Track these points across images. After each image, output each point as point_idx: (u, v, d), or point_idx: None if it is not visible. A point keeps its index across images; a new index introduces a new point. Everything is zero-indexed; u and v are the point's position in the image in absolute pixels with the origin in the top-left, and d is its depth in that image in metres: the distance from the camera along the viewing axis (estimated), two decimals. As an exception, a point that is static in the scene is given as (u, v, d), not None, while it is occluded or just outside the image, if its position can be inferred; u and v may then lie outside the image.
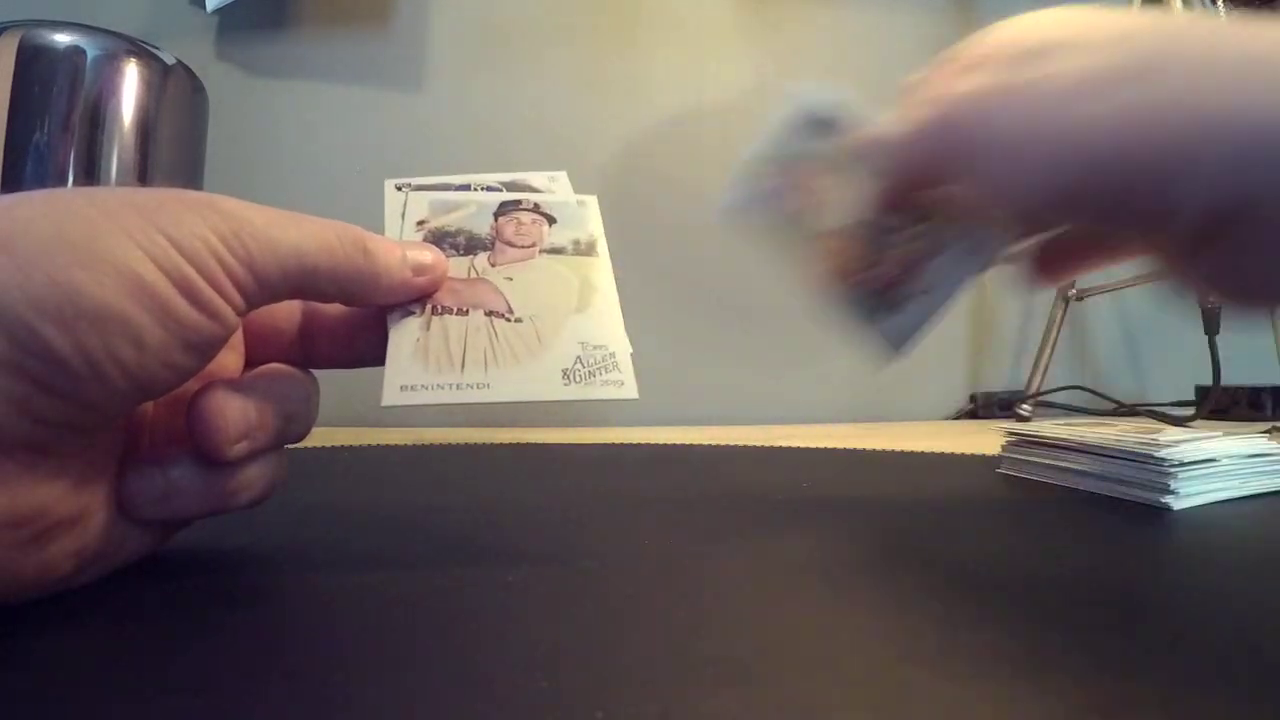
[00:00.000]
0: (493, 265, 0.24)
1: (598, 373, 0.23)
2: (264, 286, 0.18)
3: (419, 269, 0.22)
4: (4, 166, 0.53)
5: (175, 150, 0.64)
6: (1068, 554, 0.24)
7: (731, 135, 1.00)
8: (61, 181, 0.55)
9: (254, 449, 0.19)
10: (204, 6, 0.83)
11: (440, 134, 0.92)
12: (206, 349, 0.17)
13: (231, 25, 0.88)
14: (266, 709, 0.12)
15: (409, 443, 0.53)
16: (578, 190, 0.28)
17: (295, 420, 0.21)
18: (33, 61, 0.54)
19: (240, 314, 0.18)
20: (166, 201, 0.17)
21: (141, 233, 0.16)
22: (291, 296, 0.20)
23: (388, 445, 0.51)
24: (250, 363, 0.23)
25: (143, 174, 0.59)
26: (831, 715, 0.13)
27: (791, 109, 0.27)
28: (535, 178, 0.28)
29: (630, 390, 0.23)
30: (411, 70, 0.93)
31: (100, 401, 0.16)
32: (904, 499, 0.34)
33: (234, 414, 0.19)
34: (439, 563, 0.21)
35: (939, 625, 0.17)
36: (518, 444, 0.53)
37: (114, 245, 0.15)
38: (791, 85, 0.27)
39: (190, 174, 0.68)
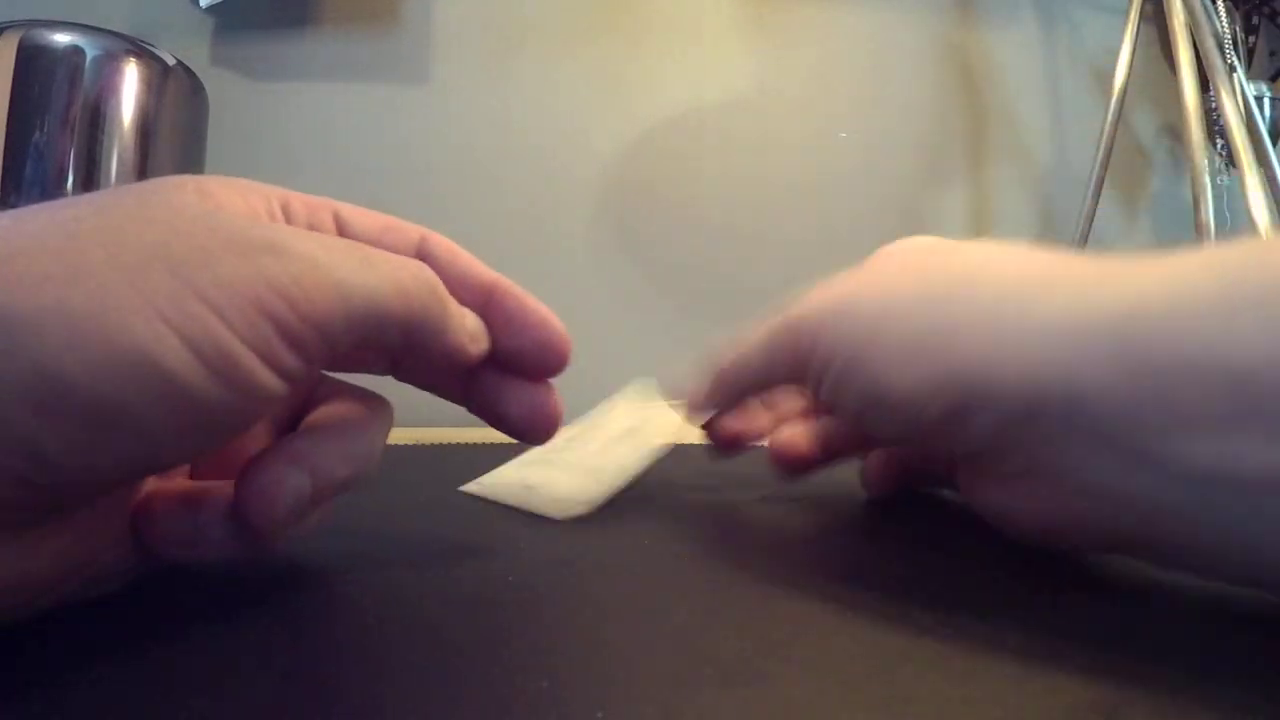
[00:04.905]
0: None
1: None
2: (328, 345, 0.15)
3: (472, 336, 0.19)
4: (4, 166, 0.53)
5: (175, 150, 0.64)
6: (1067, 554, 0.24)
7: (732, 133, 1.00)
8: (61, 181, 0.55)
9: (300, 521, 0.16)
10: (199, 4, 0.83)
11: (443, 133, 0.93)
12: (244, 426, 0.15)
13: (231, 24, 0.88)
14: (263, 709, 0.12)
15: (409, 442, 0.53)
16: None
17: (352, 483, 0.18)
18: (32, 61, 0.54)
19: (294, 381, 0.14)
20: (215, 249, 0.13)
21: (170, 301, 0.12)
22: (351, 350, 0.16)
23: (387, 445, 0.51)
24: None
25: (142, 174, 0.59)
26: (831, 715, 0.13)
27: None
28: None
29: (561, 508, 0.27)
30: (415, 69, 0.93)
31: (90, 490, 0.13)
32: (903, 498, 0.34)
33: (290, 493, 0.15)
34: (438, 562, 0.21)
35: (939, 625, 0.17)
36: (518, 444, 0.53)
37: (129, 320, 0.12)
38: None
39: (190, 174, 0.68)
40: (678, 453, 0.35)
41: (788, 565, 0.22)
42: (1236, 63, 0.82)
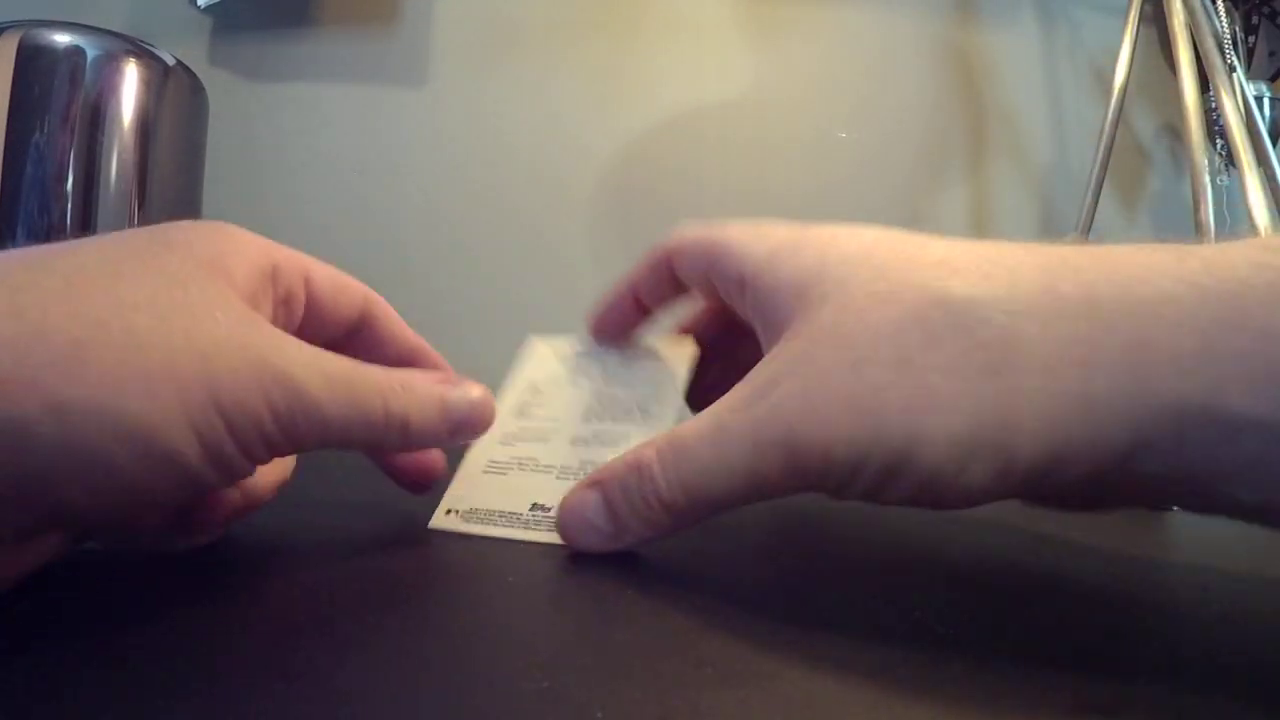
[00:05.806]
0: None
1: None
2: (295, 449, 0.19)
3: (455, 427, 0.21)
4: (4, 166, 0.53)
5: (175, 150, 0.64)
6: (1066, 554, 0.24)
7: (732, 133, 1.00)
8: (61, 181, 0.55)
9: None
10: (197, 4, 0.83)
11: (442, 133, 0.93)
12: (218, 488, 0.18)
13: (231, 25, 0.88)
14: (262, 708, 0.12)
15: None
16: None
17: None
18: (32, 61, 0.54)
19: (262, 463, 0.18)
20: (242, 372, 0.16)
21: (201, 412, 0.15)
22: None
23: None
24: None
25: (143, 174, 0.59)
26: (831, 715, 0.13)
27: None
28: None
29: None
30: (415, 69, 0.93)
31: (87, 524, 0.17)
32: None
33: None
34: (438, 561, 0.21)
35: (938, 625, 0.17)
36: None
37: (170, 431, 0.15)
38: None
39: (190, 174, 0.68)
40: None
41: (787, 566, 0.22)
42: (1236, 63, 0.82)
